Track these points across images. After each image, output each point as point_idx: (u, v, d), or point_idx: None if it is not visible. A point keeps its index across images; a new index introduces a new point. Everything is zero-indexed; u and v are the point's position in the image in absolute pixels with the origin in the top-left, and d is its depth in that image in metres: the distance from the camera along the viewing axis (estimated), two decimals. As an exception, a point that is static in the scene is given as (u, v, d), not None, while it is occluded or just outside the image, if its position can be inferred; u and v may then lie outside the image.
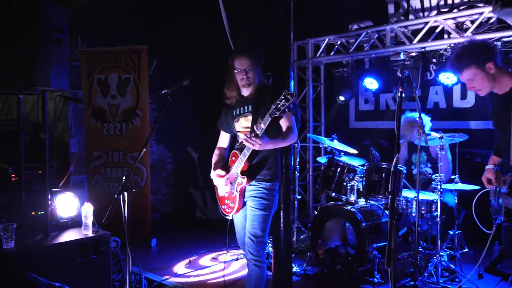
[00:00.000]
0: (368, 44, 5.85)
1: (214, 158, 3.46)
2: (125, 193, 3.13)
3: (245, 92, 3.31)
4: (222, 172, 3.33)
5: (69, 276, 3.36)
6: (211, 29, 5.57)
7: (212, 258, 5.11)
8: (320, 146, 6.57)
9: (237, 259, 5.07)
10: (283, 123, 3.17)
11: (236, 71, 3.23)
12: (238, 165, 3.19)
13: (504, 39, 4.74)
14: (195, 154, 6.82)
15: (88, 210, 3.66)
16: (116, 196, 3.10)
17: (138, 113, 5.55)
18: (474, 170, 4.70)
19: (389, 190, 2.27)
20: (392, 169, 2.32)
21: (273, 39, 4.06)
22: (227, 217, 3.39)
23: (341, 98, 6.20)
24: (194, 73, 4.54)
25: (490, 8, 4.64)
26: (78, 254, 3.49)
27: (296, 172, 5.51)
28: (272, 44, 4.02)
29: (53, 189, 3.84)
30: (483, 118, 5.46)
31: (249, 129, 3.19)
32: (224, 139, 3.51)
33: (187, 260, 5.02)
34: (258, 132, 2.98)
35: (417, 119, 4.53)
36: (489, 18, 4.82)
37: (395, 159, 2.36)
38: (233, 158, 3.27)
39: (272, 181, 3.24)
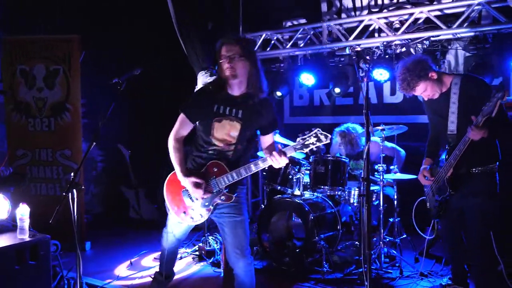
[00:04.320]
0: (304, 41, 5.96)
1: (177, 156, 2.94)
2: (74, 191, 2.93)
3: (236, 90, 2.87)
4: (203, 183, 2.91)
5: (5, 286, 3.05)
6: (151, 21, 5.35)
7: (154, 258, 4.89)
8: (258, 140, 6.60)
9: (181, 258, 4.91)
10: (270, 139, 3.14)
11: (221, 59, 2.79)
12: (225, 181, 2.88)
13: (432, 39, 5.09)
14: (126, 152, 6.50)
15: (23, 212, 3.38)
16: (64, 194, 2.88)
17: (68, 107, 5.16)
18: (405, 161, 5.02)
19: (363, 177, 2.33)
20: (364, 156, 2.38)
21: (221, 32, 4.01)
22: (180, 223, 3.13)
23: (278, 93, 6.27)
24: (129, 66, 4.29)
25: (420, 9, 4.97)
26: (14, 260, 3.19)
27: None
28: (219, 38, 3.96)
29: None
30: (411, 113, 5.83)
31: (234, 139, 2.89)
32: (186, 129, 2.97)
33: (128, 262, 4.77)
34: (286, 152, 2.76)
35: (350, 128, 4.78)
36: (418, 19, 5.14)
37: (366, 147, 2.41)
38: (215, 169, 2.90)
39: (246, 184, 3.17)
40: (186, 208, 3.06)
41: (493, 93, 2.76)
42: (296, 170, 4.68)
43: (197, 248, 4.97)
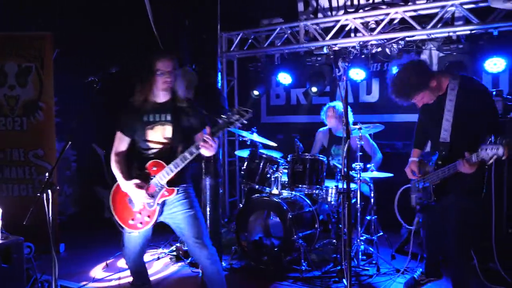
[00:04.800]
0: (281, 40, 5.98)
1: (117, 166, 3.14)
2: (49, 191, 2.87)
3: (162, 98, 3.12)
4: (143, 184, 3.03)
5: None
6: (126, 18, 5.26)
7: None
8: (235, 139, 6.60)
9: (158, 258, 4.86)
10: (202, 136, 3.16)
11: (158, 73, 3.02)
12: (164, 176, 3.01)
13: (407, 39, 5.18)
14: (101, 151, 6.37)
15: (-5, 214, 3.26)
16: (38, 194, 2.82)
17: (41, 105, 5.03)
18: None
19: (343, 174, 2.34)
20: (344, 154, 2.39)
21: (200, 31, 3.98)
22: (133, 233, 3.12)
23: (255, 92, 6.28)
24: (104, 64, 4.20)
25: (395, 10, 5.04)
26: (-15, 264, 3.09)
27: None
28: (198, 36, 3.94)
29: None
30: (386, 112, 5.91)
31: (169, 140, 3.08)
32: (124, 144, 3.19)
33: (103, 264, 4.69)
34: (215, 132, 2.90)
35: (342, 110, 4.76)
36: (393, 19, 5.22)
37: (346, 145, 2.43)
38: (154, 168, 3.04)
39: (190, 183, 3.26)
40: (133, 214, 3.10)
41: (497, 144, 2.60)
42: (274, 169, 4.69)
43: (174, 249, 4.93)
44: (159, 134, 3.10)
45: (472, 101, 2.93)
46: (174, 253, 4.89)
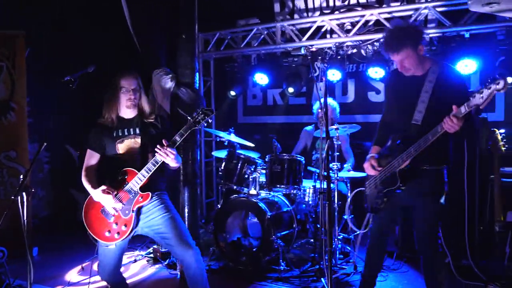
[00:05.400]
0: (257, 41, 5.99)
1: (87, 179, 3.11)
2: (24, 194, 2.80)
3: (128, 114, 3.20)
4: (111, 189, 3.01)
5: None
6: (101, 17, 5.17)
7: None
8: (212, 140, 6.57)
9: (135, 260, 4.80)
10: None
11: (122, 91, 3.11)
12: (138, 182, 3.02)
13: (382, 40, 5.25)
14: (75, 153, 6.27)
15: (-33, 218, 3.14)
16: (13, 197, 2.75)
17: (13, 106, 4.91)
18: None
19: (323, 175, 2.36)
20: (323, 154, 2.42)
21: (176, 29, 3.94)
22: (110, 246, 3.05)
23: (232, 93, 6.28)
24: (76, 64, 4.12)
25: (370, 12, 5.12)
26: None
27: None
28: (176, 36, 3.91)
29: None
30: (362, 112, 6.00)
31: (135, 151, 3.13)
32: (94, 159, 3.20)
33: (79, 267, 4.60)
34: (175, 141, 2.97)
35: (319, 110, 4.82)
36: (368, 21, 5.29)
37: (326, 145, 2.45)
38: (127, 176, 3.06)
39: (165, 191, 3.28)
40: (109, 225, 3.06)
41: (488, 83, 2.49)
42: (252, 169, 4.70)
43: (151, 251, 4.88)
44: (129, 147, 3.16)
45: (448, 92, 2.90)
46: (151, 255, 4.84)
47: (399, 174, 3.00)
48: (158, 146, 2.93)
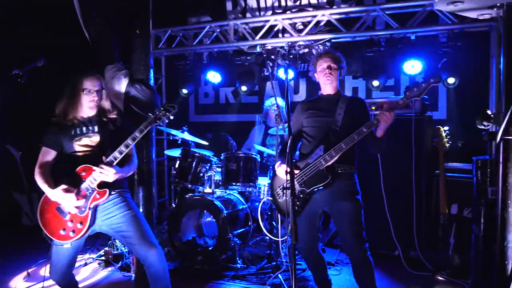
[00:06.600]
0: (209, 39, 5.95)
1: (42, 177, 3.00)
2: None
3: (88, 113, 3.15)
4: (71, 188, 2.93)
5: None
6: (52, 13, 4.92)
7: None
8: (163, 138, 6.46)
9: (85, 264, 4.63)
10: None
11: (85, 92, 3.07)
12: (95, 178, 2.94)
13: (333, 40, 5.39)
14: (17, 153, 5.94)
15: None
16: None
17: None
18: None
19: (288, 170, 2.39)
20: (287, 149, 2.44)
21: (131, 26, 3.84)
22: (65, 245, 2.95)
23: (184, 91, 6.21)
24: (23, 59, 3.91)
25: (322, 12, 5.23)
26: None
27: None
28: (129, 32, 3.80)
29: None
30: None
31: (93, 148, 3.07)
32: (50, 156, 3.10)
33: (25, 273, 4.37)
34: (111, 160, 2.94)
35: (275, 108, 4.86)
36: (319, 21, 5.40)
37: (289, 140, 2.48)
38: (84, 173, 2.97)
39: (127, 189, 3.23)
40: (65, 223, 2.96)
41: (426, 79, 2.82)
42: (207, 167, 4.67)
43: (103, 253, 4.72)
44: (87, 143, 3.09)
45: (357, 110, 3.22)
46: (103, 258, 4.68)
47: (326, 170, 3.09)
48: (100, 166, 2.88)
